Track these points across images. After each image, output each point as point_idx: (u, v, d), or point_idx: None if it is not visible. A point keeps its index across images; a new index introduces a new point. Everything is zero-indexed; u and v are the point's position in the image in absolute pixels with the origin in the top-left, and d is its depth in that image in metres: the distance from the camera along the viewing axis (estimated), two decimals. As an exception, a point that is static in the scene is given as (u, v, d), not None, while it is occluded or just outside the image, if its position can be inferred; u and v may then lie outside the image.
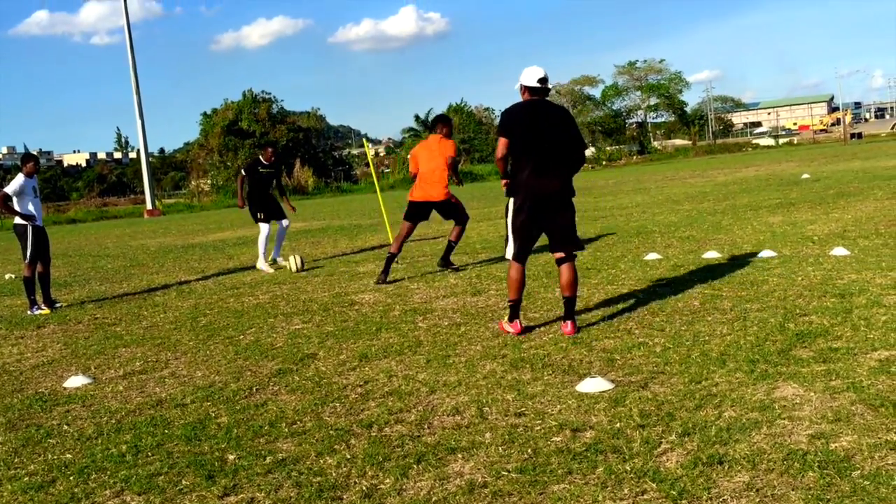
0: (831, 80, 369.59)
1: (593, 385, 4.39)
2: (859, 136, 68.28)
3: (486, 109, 73.23)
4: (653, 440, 3.57)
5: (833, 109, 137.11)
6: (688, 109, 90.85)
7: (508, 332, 5.91)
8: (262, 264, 11.24)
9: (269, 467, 3.70)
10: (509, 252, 5.97)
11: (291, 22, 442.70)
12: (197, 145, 64.29)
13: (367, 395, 4.73)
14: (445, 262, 9.63)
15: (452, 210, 9.51)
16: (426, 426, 4.09)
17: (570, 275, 5.81)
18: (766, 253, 8.42)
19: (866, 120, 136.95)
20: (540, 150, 5.69)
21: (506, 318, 6.04)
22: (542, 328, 6.04)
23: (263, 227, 11.31)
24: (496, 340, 5.78)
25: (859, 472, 3.05)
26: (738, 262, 8.14)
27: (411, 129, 73.53)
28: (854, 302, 5.81)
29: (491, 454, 3.61)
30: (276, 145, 13.01)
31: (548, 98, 5.94)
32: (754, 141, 79.34)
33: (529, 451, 3.61)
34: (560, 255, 5.88)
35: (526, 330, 5.95)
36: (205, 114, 63.15)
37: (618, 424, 3.81)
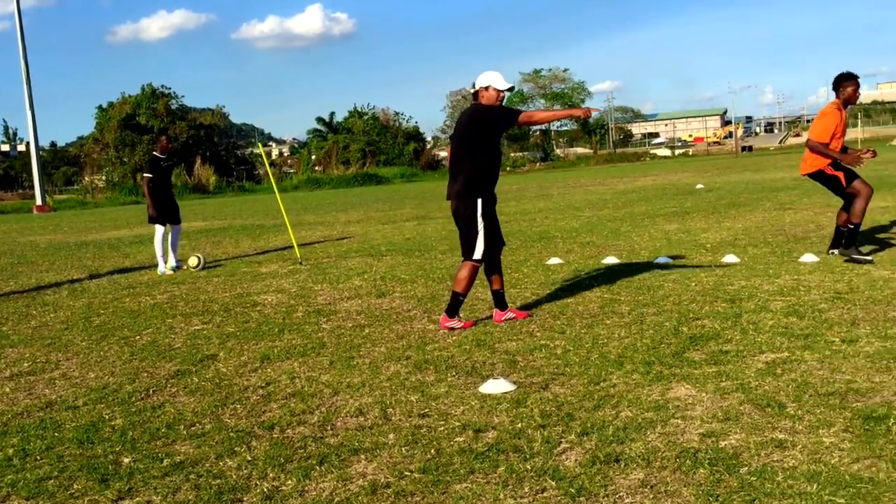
0: (725, 95, 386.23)
1: (496, 386, 4.45)
2: (750, 148, 71.52)
3: (397, 114, 73.08)
4: (553, 440, 3.65)
5: (726, 123, 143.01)
6: (590, 119, 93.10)
7: (457, 328, 6.02)
8: (162, 267, 10.86)
9: (166, 470, 3.60)
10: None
11: (193, 15, 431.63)
12: (91, 139, 61.86)
13: (269, 397, 4.66)
14: None
15: None
16: (329, 427, 4.06)
17: (460, 271, 6.10)
18: (662, 259, 8.72)
19: (756, 134, 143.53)
20: (451, 155, 6.04)
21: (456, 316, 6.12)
22: (445, 330, 6.07)
23: (159, 228, 10.92)
24: (400, 342, 5.79)
25: (747, 468, 3.19)
26: (635, 267, 8.40)
27: (316, 130, 72.75)
28: (743, 307, 6.07)
29: (394, 455, 3.61)
30: (169, 135, 12.49)
31: (476, 100, 6.06)
32: (652, 151, 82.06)
33: (432, 451, 3.62)
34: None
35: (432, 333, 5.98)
36: (100, 107, 60.80)
37: (519, 425, 3.87)
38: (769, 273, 7.42)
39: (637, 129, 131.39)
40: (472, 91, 6.09)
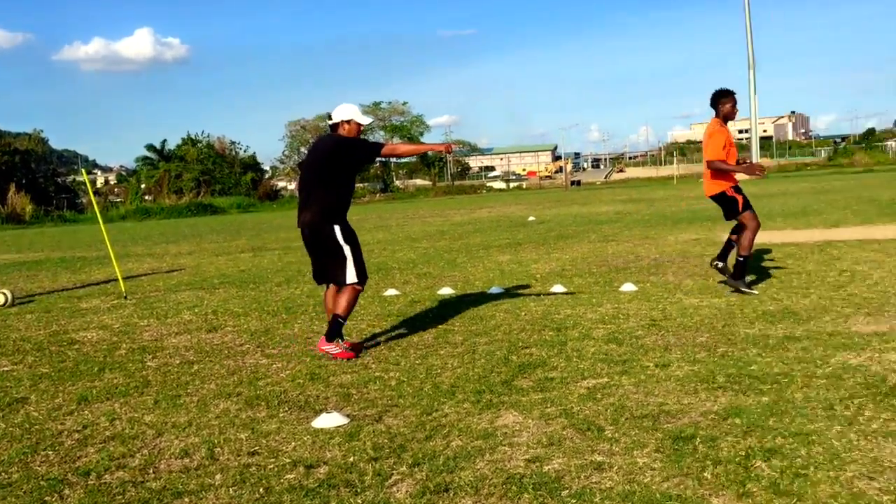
0: (555, 132, 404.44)
1: (329, 420, 4.41)
2: (578, 183, 75.14)
3: (233, 143, 71.28)
4: (385, 472, 3.66)
5: (556, 158, 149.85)
6: (450, 154, 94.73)
7: (333, 353, 5.95)
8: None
9: (-37, 527, 3.30)
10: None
11: (9, 35, 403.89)
12: None
13: (86, 441, 4.39)
14: None
15: None
16: (151, 471, 3.87)
17: (340, 294, 6.01)
18: (495, 289, 8.98)
19: (584, 169, 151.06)
20: (303, 181, 6.08)
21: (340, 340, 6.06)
22: (279, 365, 5.96)
23: None
24: (231, 378, 5.62)
25: (568, 491, 3.33)
26: (469, 298, 8.60)
27: (146, 157, 69.75)
28: (568, 335, 6.35)
29: (221, 496, 3.50)
30: None
31: (335, 132, 6.15)
32: (488, 184, 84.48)
33: (261, 490, 3.54)
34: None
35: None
36: None
37: (351, 458, 3.86)
38: (592, 302, 7.81)
39: (474, 162, 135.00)
40: (329, 123, 6.16)
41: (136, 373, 5.96)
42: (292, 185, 73.77)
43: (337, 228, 5.95)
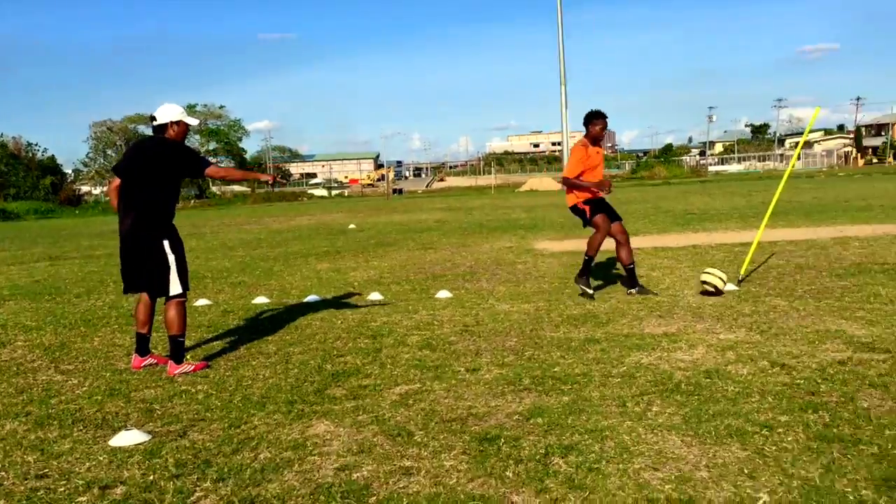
0: (377, 139, 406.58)
1: (128, 438, 4.18)
2: (400, 191, 75.89)
3: (30, 144, 66.18)
4: (187, 489, 3.52)
5: (379, 166, 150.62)
6: (247, 157, 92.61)
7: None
8: None
9: None
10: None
11: None
12: None
13: None
14: None
15: None
16: (-80, 502, 3.51)
17: (172, 311, 5.70)
18: (311, 298, 8.89)
19: (406, 177, 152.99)
20: (124, 186, 5.74)
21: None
22: (75, 381, 5.59)
23: None
24: (20, 397, 5.21)
25: (375, 497, 3.34)
26: (285, 307, 8.46)
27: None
28: (383, 342, 6.40)
29: (2, 525, 3.23)
30: None
31: (160, 134, 5.83)
32: (309, 191, 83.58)
33: (49, 516, 3.30)
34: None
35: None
36: None
37: (151, 476, 3.68)
38: (408, 309, 7.91)
39: (295, 168, 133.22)
40: (154, 124, 5.79)
41: None
42: (98, 190, 69.52)
43: (163, 236, 5.66)
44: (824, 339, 5.71)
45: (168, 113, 5.77)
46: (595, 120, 8.16)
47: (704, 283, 7.85)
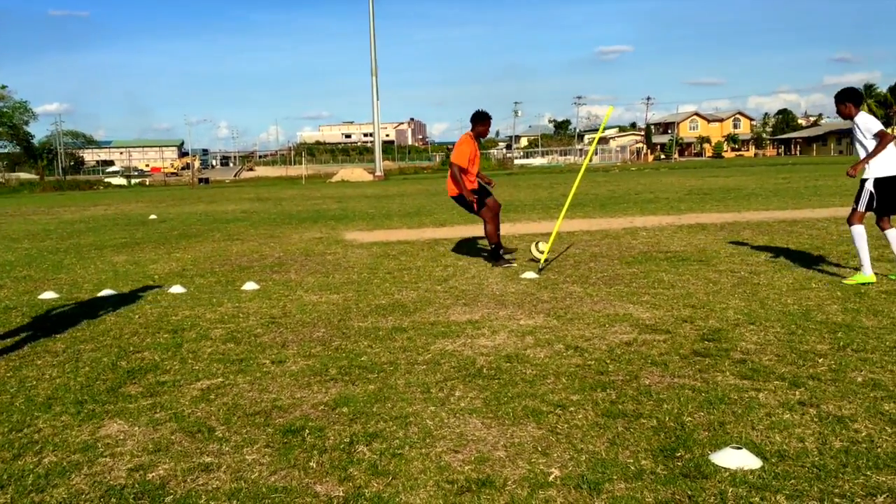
0: (182, 127, 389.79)
1: None
2: (207, 181, 73.14)
3: None
4: (-43, 502, 3.21)
5: (184, 154, 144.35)
6: (35, 142, 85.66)
7: None
8: None
9: None
10: None
11: None
12: None
13: None
14: None
15: None
16: None
17: None
18: (106, 292, 8.38)
19: (213, 167, 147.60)
20: None
21: None
22: None
23: None
24: None
25: (172, 496, 3.21)
26: (77, 302, 7.92)
27: None
28: (185, 336, 6.15)
29: None
30: None
31: None
32: (106, 180, 78.63)
33: None
34: None
35: None
36: None
37: (-86, 491, 3.33)
38: (213, 302, 7.65)
39: (90, 155, 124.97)
40: None
41: None
42: None
43: None
44: (614, 322, 6.12)
45: None
46: (484, 120, 9.33)
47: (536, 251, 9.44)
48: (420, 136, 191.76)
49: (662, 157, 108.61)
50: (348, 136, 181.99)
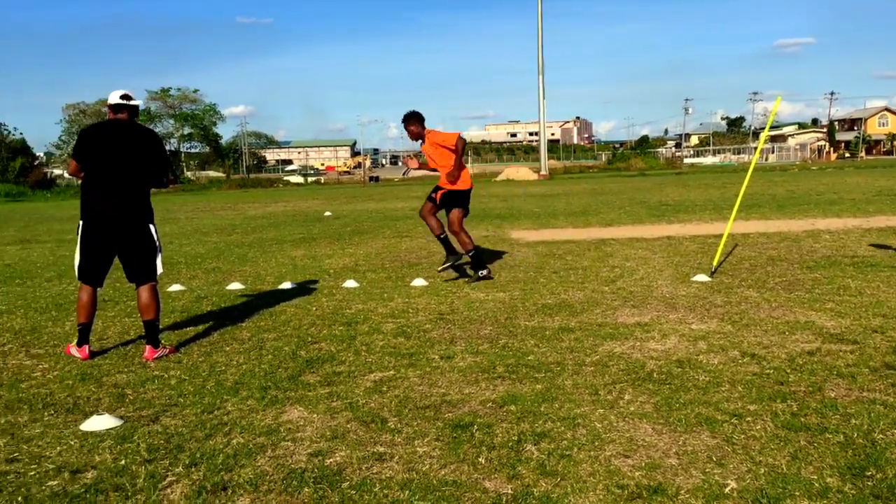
0: (355, 127, 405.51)
1: (99, 423, 4.16)
2: (377, 179, 75.61)
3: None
4: (159, 474, 3.50)
5: (356, 153, 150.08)
6: (222, 142, 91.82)
7: (75, 356, 5.60)
8: None
9: None
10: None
11: None
12: None
13: None
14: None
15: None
16: None
17: (148, 296, 5.72)
18: (286, 284, 8.85)
19: (383, 165, 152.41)
20: (110, 171, 5.54)
21: (74, 340, 5.74)
22: (46, 365, 5.54)
23: None
24: (-11, 381, 5.15)
25: (348, 482, 3.35)
26: (260, 293, 8.43)
27: None
28: (358, 329, 6.40)
29: (-30, 509, 3.20)
30: None
31: (135, 118, 5.79)
32: (285, 178, 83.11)
33: (20, 498, 3.28)
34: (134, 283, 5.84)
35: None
36: None
37: (123, 461, 3.66)
38: (384, 297, 7.90)
39: (271, 155, 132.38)
40: (129, 103, 5.70)
41: None
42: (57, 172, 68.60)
43: (150, 222, 5.77)
44: (794, 329, 5.79)
45: (129, 98, 5.75)
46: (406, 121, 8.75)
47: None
48: (586, 135, 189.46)
49: (847, 155, 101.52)
50: (513, 135, 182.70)
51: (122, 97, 5.68)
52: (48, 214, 27.20)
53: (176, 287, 8.92)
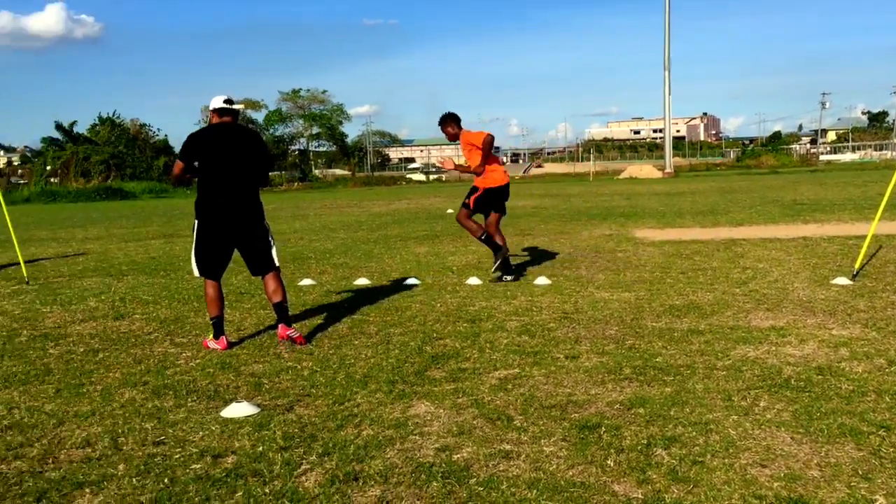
0: (475, 125, 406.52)
1: (238, 410, 4.35)
2: (497, 177, 75.59)
3: (143, 125, 69.26)
4: (294, 461, 3.63)
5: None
6: (348, 141, 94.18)
7: (214, 349, 5.88)
8: None
9: None
10: (197, 270, 6.03)
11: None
12: None
13: (-19, 431, 4.21)
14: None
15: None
16: (51, 461, 3.75)
17: (275, 282, 6.06)
18: (411, 280, 8.99)
19: (503, 163, 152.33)
20: (227, 171, 5.86)
21: (210, 335, 6.03)
22: (189, 354, 5.85)
23: None
24: (138, 367, 5.48)
25: (476, 479, 3.37)
26: (385, 288, 8.60)
27: (52, 138, 66.75)
28: (482, 326, 6.43)
29: (124, 486, 3.41)
30: None
31: (236, 120, 6.10)
32: (408, 176, 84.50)
33: (166, 480, 3.47)
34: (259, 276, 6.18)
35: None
36: None
37: (260, 448, 3.82)
38: (507, 295, 7.91)
39: (394, 153, 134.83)
40: (232, 107, 6.00)
41: (36, 360, 5.75)
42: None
43: (264, 218, 6.11)
44: (947, 338, 5.41)
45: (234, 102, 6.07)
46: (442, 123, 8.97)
47: None
48: (713, 132, 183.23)
49: None
50: (637, 132, 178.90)
51: (226, 101, 5.98)
52: (188, 210, 28.69)
53: (307, 281, 9.22)
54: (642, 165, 65.20)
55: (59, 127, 65.68)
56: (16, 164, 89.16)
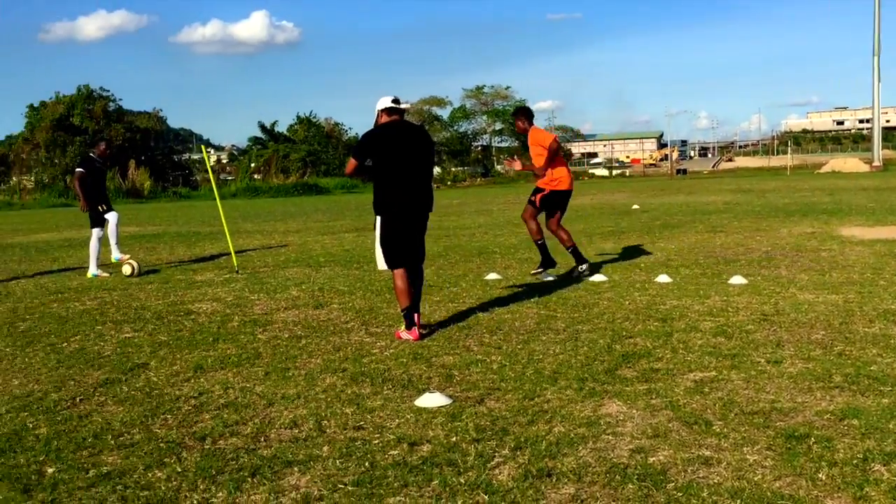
0: (661, 118, 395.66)
1: (432, 400, 4.47)
2: (684, 171, 73.21)
3: (337, 124, 72.86)
4: (486, 454, 3.68)
5: (662, 145, 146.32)
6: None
7: (407, 340, 6.10)
8: (93, 269, 10.66)
9: (91, 481, 3.51)
10: (381, 264, 6.36)
11: (134, 17, 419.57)
12: (21, 139, 60.12)
13: (201, 407, 4.59)
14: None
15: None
16: (262, 439, 4.02)
17: (421, 272, 6.46)
18: (598, 277, 8.86)
19: (691, 157, 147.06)
20: (405, 167, 6.15)
21: (402, 326, 6.27)
22: (382, 343, 6.08)
23: (96, 231, 10.76)
24: (337, 354, 5.76)
25: (673, 484, 3.27)
26: (572, 285, 8.53)
27: (257, 137, 71.69)
28: (674, 326, 6.22)
29: (328, 467, 3.60)
30: (110, 141, 12.46)
31: (403, 118, 6.41)
32: (591, 171, 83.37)
33: (367, 464, 3.62)
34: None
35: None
36: (31, 106, 59.16)
37: (454, 438, 3.90)
38: (699, 294, 7.61)
39: (577, 148, 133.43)
40: (400, 106, 6.30)
41: (247, 344, 6.18)
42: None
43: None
44: None
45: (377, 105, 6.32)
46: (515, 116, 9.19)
47: None
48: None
49: None
50: (840, 122, 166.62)
51: (393, 101, 6.25)
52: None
53: (492, 276, 9.32)
54: (846, 158, 60.69)
55: (262, 127, 70.43)
56: (224, 161, 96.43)
